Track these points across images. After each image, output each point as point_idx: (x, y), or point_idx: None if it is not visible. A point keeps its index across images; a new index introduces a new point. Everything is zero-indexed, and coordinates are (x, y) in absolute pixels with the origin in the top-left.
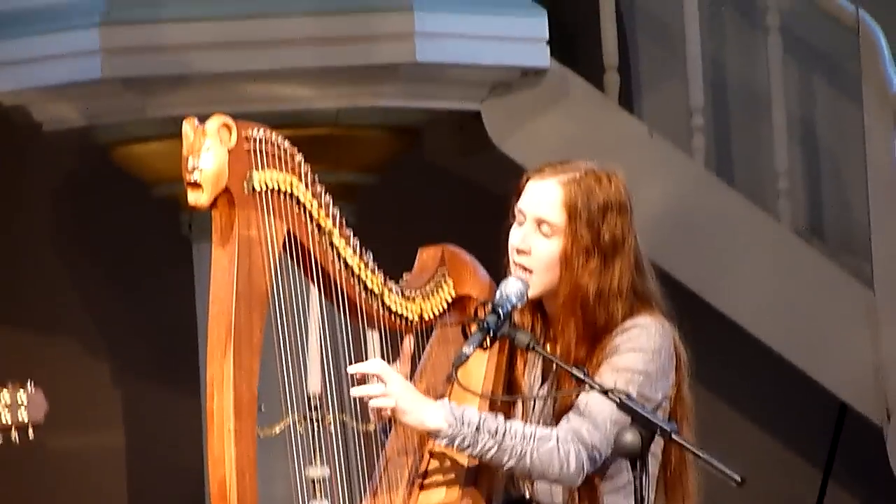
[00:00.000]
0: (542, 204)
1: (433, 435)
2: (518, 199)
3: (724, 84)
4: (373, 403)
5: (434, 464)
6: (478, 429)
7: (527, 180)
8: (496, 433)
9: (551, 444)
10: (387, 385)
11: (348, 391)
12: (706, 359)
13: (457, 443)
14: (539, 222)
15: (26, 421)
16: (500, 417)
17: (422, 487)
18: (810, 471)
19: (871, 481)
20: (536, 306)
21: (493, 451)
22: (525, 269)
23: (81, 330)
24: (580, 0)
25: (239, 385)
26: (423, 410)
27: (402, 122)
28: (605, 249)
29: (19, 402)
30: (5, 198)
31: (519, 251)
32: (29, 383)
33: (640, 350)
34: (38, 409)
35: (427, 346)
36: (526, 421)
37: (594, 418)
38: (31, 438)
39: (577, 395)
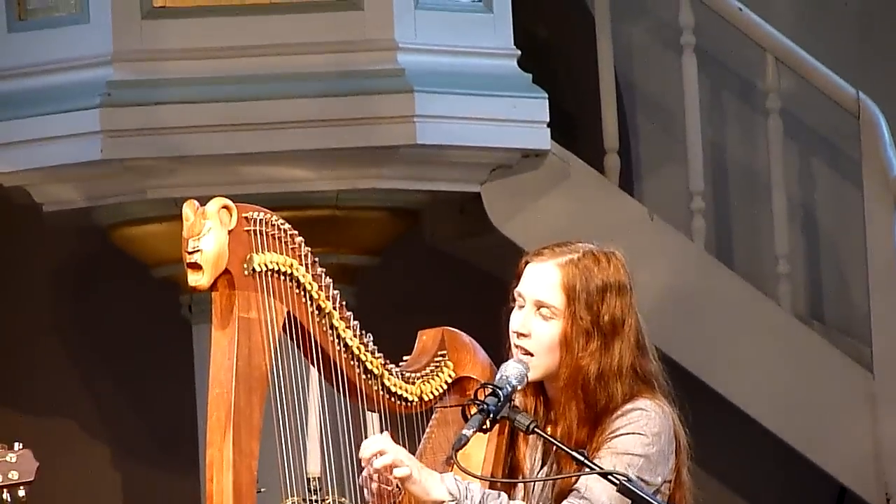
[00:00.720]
0: (540, 287)
1: None
2: (517, 283)
3: (725, 167)
4: (394, 473)
5: None
6: (483, 500)
7: (525, 264)
8: None
9: None
10: (396, 455)
11: (348, 473)
12: (706, 441)
13: None
14: (538, 305)
15: (17, 480)
16: (504, 496)
17: None
18: None
19: None
20: (537, 388)
21: None
22: (526, 352)
23: (80, 412)
24: (581, 83)
25: (238, 467)
26: (429, 480)
27: (402, 204)
28: (605, 330)
29: (9, 462)
30: (5, 278)
31: (519, 335)
32: (17, 444)
33: (640, 433)
34: (28, 468)
35: (427, 429)
36: (527, 501)
37: (593, 502)
38: (22, 498)
39: (578, 479)
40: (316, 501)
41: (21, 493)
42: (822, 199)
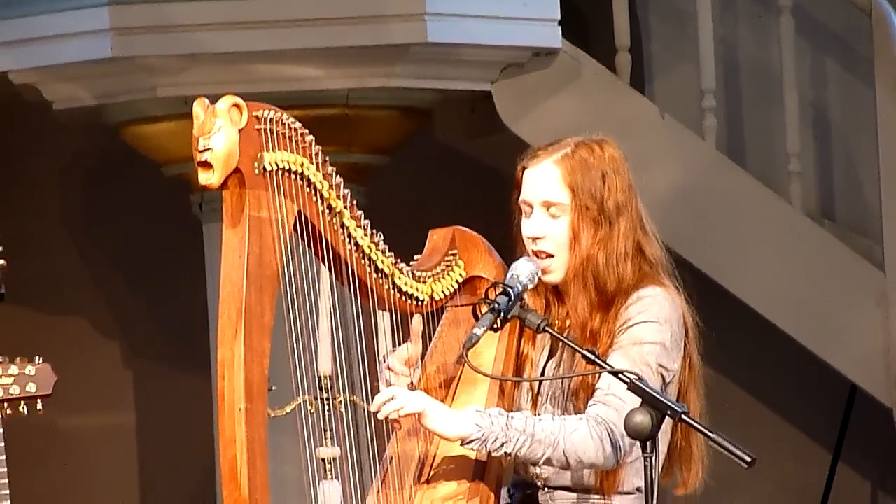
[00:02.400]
0: (543, 188)
1: (463, 442)
2: (519, 193)
3: (737, 65)
4: (403, 412)
5: (444, 444)
6: (506, 428)
7: (522, 170)
8: (526, 428)
9: (583, 432)
10: (408, 398)
11: (359, 371)
12: (717, 341)
13: (489, 444)
14: (546, 206)
15: (35, 393)
16: (527, 412)
17: (432, 468)
18: (820, 452)
19: (880, 462)
20: (548, 286)
21: (525, 446)
22: (547, 255)
23: (92, 311)
24: None
25: (250, 366)
26: (451, 417)
27: (413, 103)
28: (611, 215)
29: (28, 374)
30: (16, 177)
31: (534, 239)
32: (37, 358)
33: (653, 321)
34: (46, 382)
35: (438, 328)
36: (534, 399)
37: (620, 397)
38: (39, 411)
39: (593, 377)
40: (326, 400)
41: (38, 406)
42: (833, 98)
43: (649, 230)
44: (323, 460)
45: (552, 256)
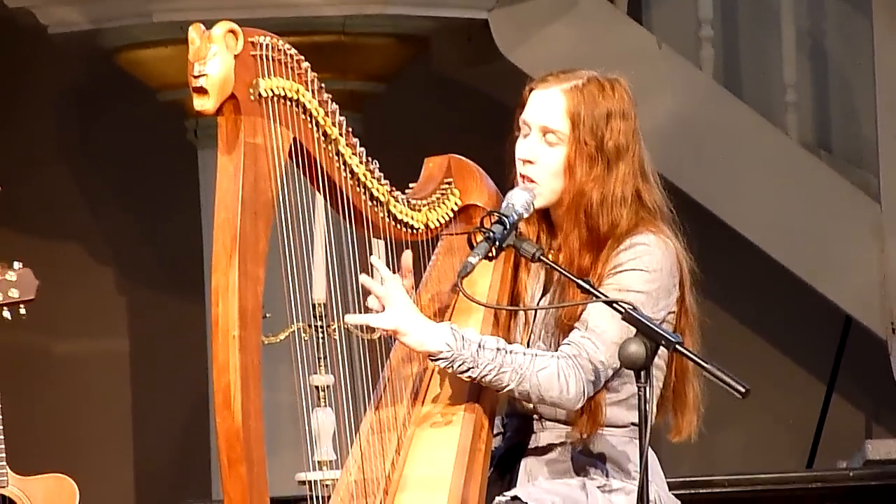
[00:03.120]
0: (545, 113)
1: (431, 357)
2: (522, 111)
3: None
4: (373, 325)
5: (437, 373)
6: (477, 352)
7: (530, 91)
8: (495, 357)
9: (551, 370)
10: (388, 307)
11: (353, 299)
12: (712, 271)
13: (455, 366)
14: (544, 131)
15: (17, 298)
16: (501, 341)
17: (426, 397)
18: (814, 383)
19: (874, 394)
20: (542, 216)
21: (491, 374)
22: (531, 179)
23: (86, 237)
24: None
25: (244, 293)
26: (423, 332)
27: (409, 31)
28: (609, 156)
29: (9, 280)
30: (11, 102)
31: (525, 161)
32: (16, 263)
33: (642, 269)
34: (28, 287)
35: (433, 256)
36: (527, 330)
37: (599, 334)
38: (22, 315)
39: (583, 307)
40: (321, 327)
41: (22, 311)
42: (830, 28)
43: (651, 178)
44: (317, 388)
45: (536, 183)
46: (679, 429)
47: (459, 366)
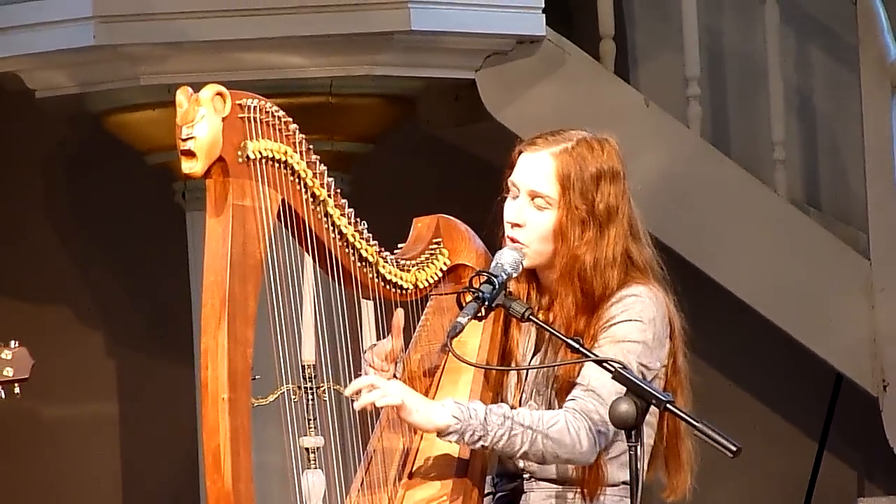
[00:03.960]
0: (535, 177)
1: (440, 434)
2: (511, 172)
3: (721, 53)
4: (379, 403)
5: (428, 437)
6: (486, 420)
7: (519, 153)
8: (504, 422)
9: (561, 426)
10: (387, 388)
11: (343, 360)
12: (702, 329)
13: (467, 437)
14: (533, 195)
15: (12, 377)
16: (505, 406)
17: (416, 458)
18: (806, 441)
19: (866, 452)
20: (530, 275)
21: (503, 440)
22: (520, 242)
23: (74, 299)
24: None
25: (233, 355)
26: (429, 408)
27: (396, 91)
28: (601, 219)
29: (4, 359)
30: None
31: (513, 225)
32: (13, 342)
33: (636, 320)
34: (23, 366)
35: (422, 316)
36: (519, 388)
37: (599, 392)
38: (17, 395)
39: (578, 368)
40: (310, 389)
41: (16, 390)
42: (818, 86)
43: (641, 236)
44: (307, 450)
45: (525, 246)
46: (673, 488)
47: (470, 436)
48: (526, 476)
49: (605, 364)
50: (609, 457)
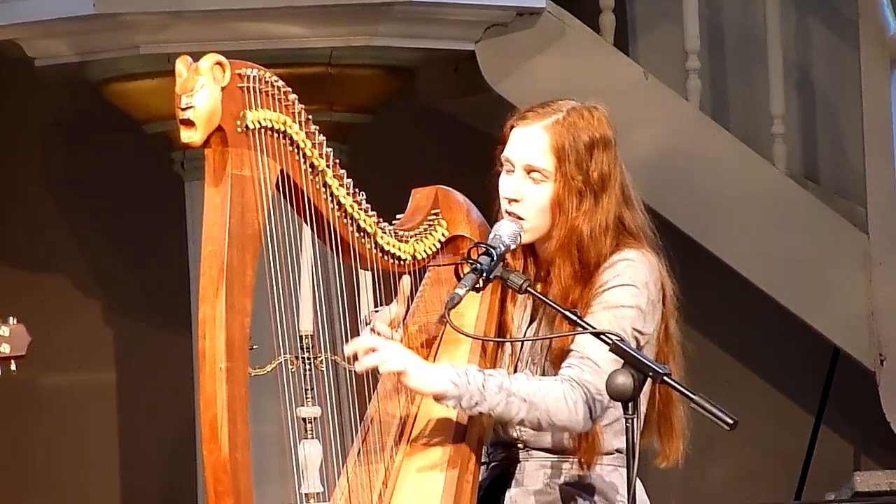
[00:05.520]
0: (529, 151)
1: (439, 398)
2: (504, 148)
3: (721, 26)
4: (382, 369)
5: (425, 404)
6: (482, 387)
7: (511, 128)
8: (501, 388)
9: (557, 394)
10: (389, 352)
11: (341, 331)
12: (699, 302)
13: (464, 402)
14: (529, 169)
15: (8, 353)
16: (503, 372)
17: (413, 428)
18: (802, 415)
19: (862, 426)
20: (528, 248)
21: (500, 406)
22: (518, 217)
23: (72, 268)
24: None
25: (231, 325)
26: (427, 373)
27: (396, 62)
28: (596, 187)
29: (1, 335)
30: None
31: (511, 200)
32: (11, 318)
33: (629, 284)
34: (20, 343)
35: (420, 287)
36: (514, 360)
37: (594, 363)
38: (13, 371)
39: (572, 338)
40: (308, 359)
41: (12, 367)
42: (818, 59)
43: (634, 201)
44: (304, 419)
45: (523, 220)
46: (666, 455)
47: (468, 402)
48: (520, 446)
49: (602, 336)
50: (603, 424)
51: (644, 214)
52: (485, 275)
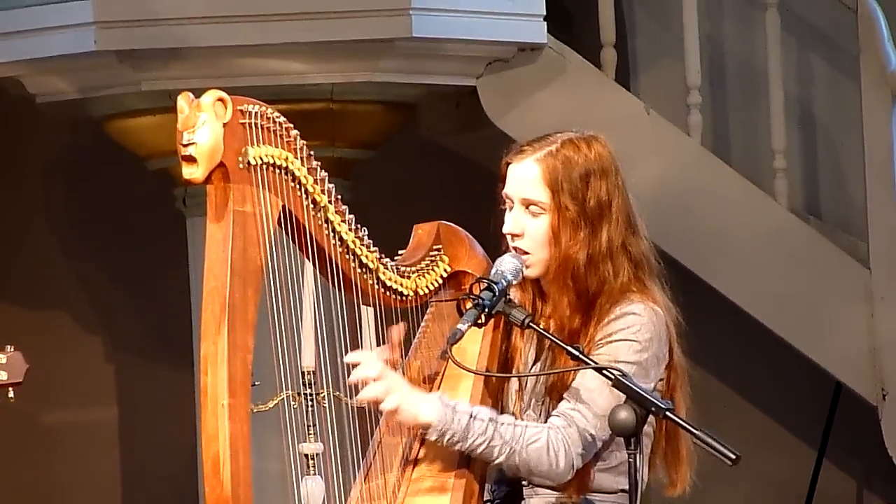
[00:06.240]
0: (523, 185)
1: (423, 429)
2: (503, 185)
3: (722, 62)
4: (384, 406)
5: (428, 441)
6: (467, 425)
7: (507, 165)
8: (486, 430)
9: (541, 444)
10: (388, 385)
11: (343, 367)
12: (702, 338)
13: (445, 439)
14: (526, 203)
15: (6, 381)
16: (493, 412)
17: (416, 465)
18: (805, 450)
19: (865, 461)
20: (532, 282)
21: (481, 448)
22: (523, 252)
23: (74, 305)
24: None
25: (233, 361)
26: (416, 404)
27: (397, 98)
28: (592, 216)
29: None
30: None
31: (513, 236)
32: (8, 346)
33: (633, 340)
34: (17, 370)
35: (422, 323)
36: (520, 396)
37: (588, 404)
38: (11, 399)
39: (573, 374)
40: (310, 395)
41: (10, 394)
42: (819, 94)
43: (638, 228)
44: (306, 456)
45: (529, 254)
46: (674, 482)
47: (449, 439)
48: (525, 483)
49: (605, 371)
50: (607, 466)
51: (649, 241)
52: (487, 310)
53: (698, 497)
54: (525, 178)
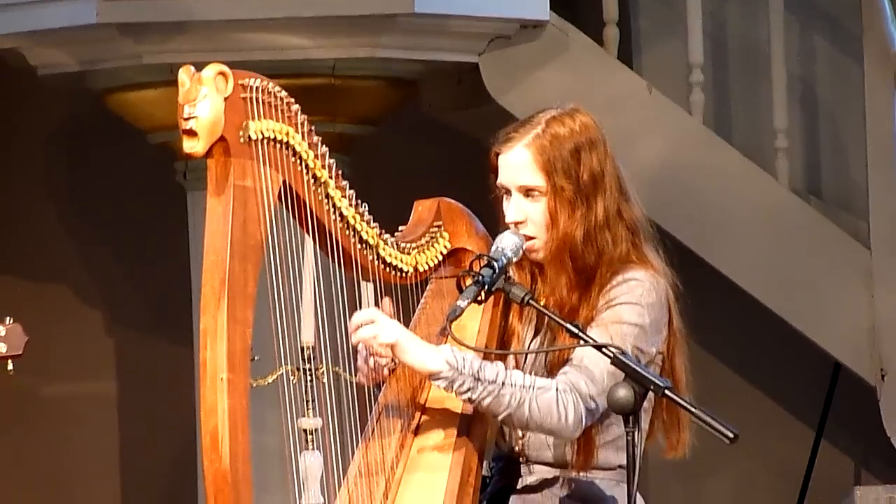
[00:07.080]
0: (518, 173)
1: (432, 377)
2: (496, 176)
3: (725, 41)
4: (378, 340)
5: (426, 417)
6: (477, 373)
7: (496, 155)
8: (496, 379)
9: (550, 395)
10: (384, 325)
11: (342, 342)
12: (701, 317)
13: (455, 386)
14: (523, 190)
15: (5, 353)
16: (500, 364)
17: (414, 439)
18: (803, 430)
19: (864, 441)
20: (530, 261)
21: (490, 397)
22: (529, 237)
23: (74, 277)
24: None
25: (232, 336)
26: (423, 350)
27: (399, 74)
28: (587, 191)
29: None
30: (0, 142)
31: (516, 223)
32: (7, 318)
33: (635, 303)
34: (16, 342)
35: (422, 299)
36: None
37: (591, 371)
38: (10, 371)
39: (572, 351)
40: (309, 370)
41: (9, 366)
42: (821, 74)
43: (630, 194)
44: (305, 431)
45: (535, 238)
46: (673, 445)
47: (459, 386)
48: (522, 460)
49: (603, 349)
50: (605, 440)
51: (641, 206)
52: (486, 287)
53: (697, 476)
54: (518, 165)
